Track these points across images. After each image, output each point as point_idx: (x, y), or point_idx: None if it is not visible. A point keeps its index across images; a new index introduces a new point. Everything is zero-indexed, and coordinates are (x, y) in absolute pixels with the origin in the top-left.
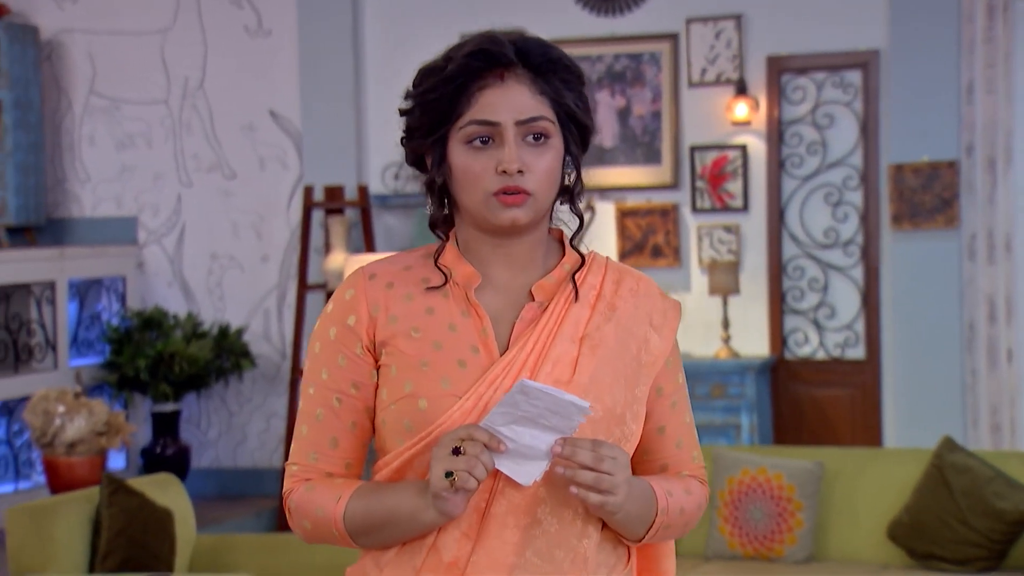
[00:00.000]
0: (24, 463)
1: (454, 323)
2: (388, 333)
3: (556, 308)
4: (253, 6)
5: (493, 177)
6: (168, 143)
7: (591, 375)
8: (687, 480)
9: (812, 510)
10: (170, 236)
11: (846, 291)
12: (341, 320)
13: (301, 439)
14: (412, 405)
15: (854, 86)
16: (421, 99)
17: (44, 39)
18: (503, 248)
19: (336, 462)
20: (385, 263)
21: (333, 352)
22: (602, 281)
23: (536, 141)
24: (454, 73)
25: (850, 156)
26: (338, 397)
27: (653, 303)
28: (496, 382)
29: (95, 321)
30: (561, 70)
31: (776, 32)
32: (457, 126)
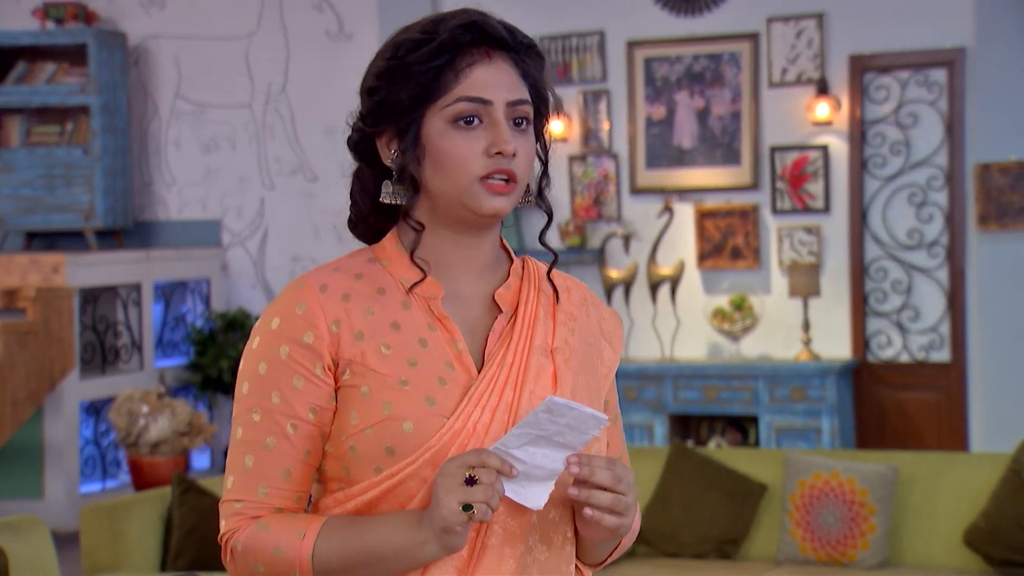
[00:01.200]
0: (111, 462)
1: (424, 338)
2: (355, 351)
3: (525, 319)
4: (335, 10)
5: (482, 159)
6: (252, 147)
7: (571, 388)
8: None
9: (886, 515)
10: (253, 239)
11: (931, 293)
12: (294, 337)
13: (245, 471)
14: (395, 428)
15: (939, 84)
16: (403, 72)
17: (132, 45)
18: (467, 249)
19: (287, 496)
20: (330, 272)
21: (286, 373)
22: (554, 290)
23: (518, 126)
24: (444, 45)
25: (935, 156)
26: (293, 423)
27: (600, 313)
28: (483, 400)
29: (180, 323)
30: (535, 56)
31: (858, 31)
32: (442, 103)
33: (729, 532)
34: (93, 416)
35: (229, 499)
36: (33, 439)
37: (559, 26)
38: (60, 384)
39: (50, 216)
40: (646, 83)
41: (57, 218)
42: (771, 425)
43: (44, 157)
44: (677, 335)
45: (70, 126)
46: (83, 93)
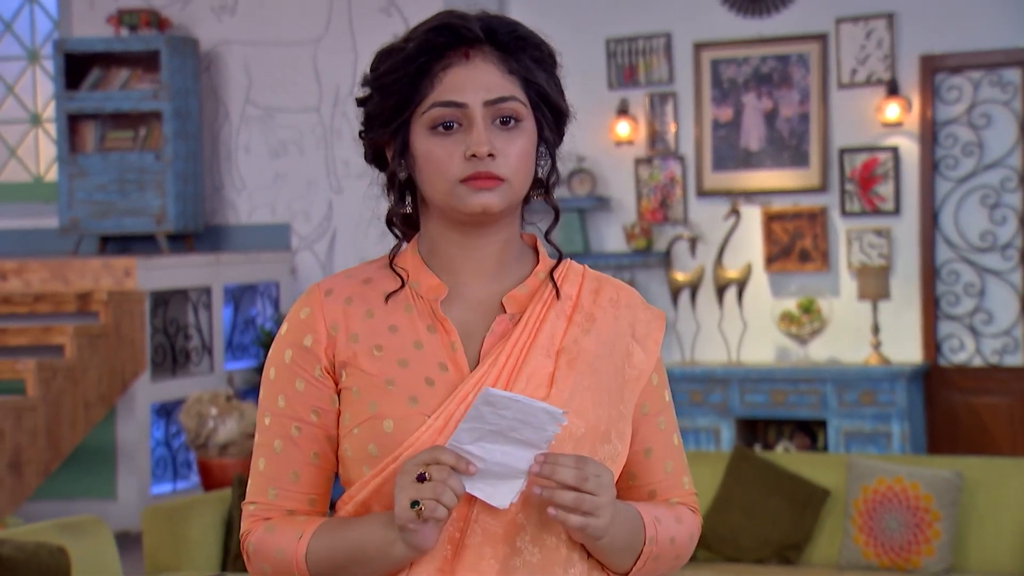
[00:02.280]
0: (181, 464)
1: (420, 340)
2: (349, 353)
3: (530, 320)
4: (401, 14)
5: (461, 163)
6: (319, 150)
7: (570, 390)
8: (677, 508)
9: (951, 521)
10: (321, 242)
11: (1004, 296)
12: (297, 341)
13: (258, 474)
14: (377, 427)
15: (1013, 84)
16: (380, 82)
17: (203, 51)
18: (471, 251)
19: (298, 498)
20: (342, 277)
21: (290, 377)
22: (579, 290)
23: (506, 124)
24: (415, 51)
25: (1008, 157)
26: (297, 426)
27: (635, 314)
28: (467, 399)
29: (249, 326)
30: (531, 48)
31: (929, 30)
32: (420, 110)
33: (791, 537)
34: (164, 418)
35: (246, 501)
36: (105, 441)
37: (625, 29)
38: (131, 386)
39: (123, 220)
40: (713, 85)
41: (130, 222)
42: (839, 430)
43: (117, 162)
44: (744, 338)
45: (143, 131)
46: (155, 99)
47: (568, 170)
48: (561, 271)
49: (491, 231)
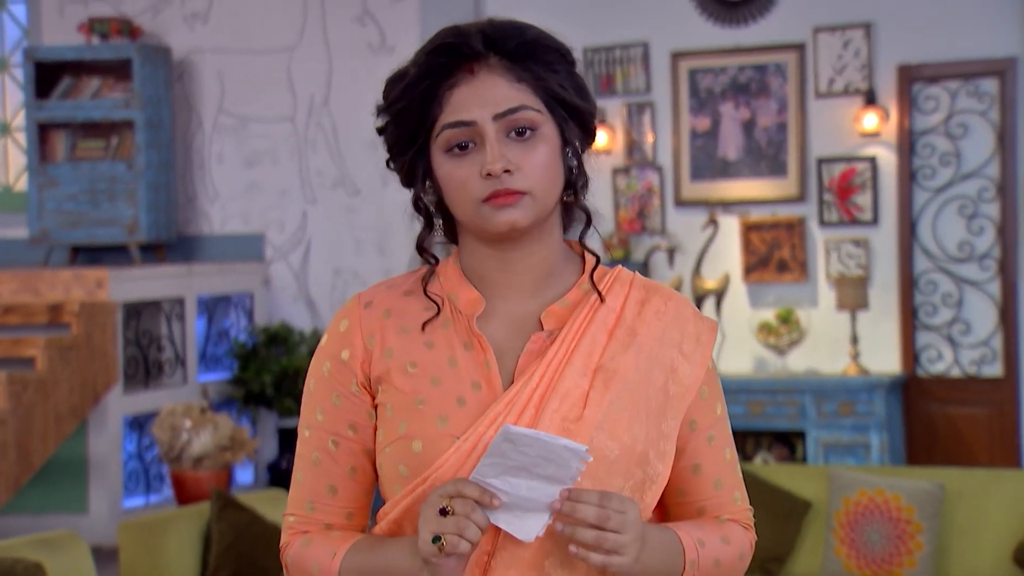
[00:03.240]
0: (154, 477)
1: (455, 357)
2: (383, 368)
3: (568, 336)
4: (377, 23)
5: (479, 182)
6: (294, 160)
7: (605, 411)
8: (726, 526)
9: (933, 532)
10: (295, 252)
11: (982, 306)
12: (335, 354)
13: (297, 486)
14: (406, 447)
15: (990, 95)
16: (391, 112)
17: (176, 59)
18: (509, 265)
19: (336, 512)
20: (383, 288)
21: (327, 390)
22: (624, 302)
23: (521, 136)
24: (418, 76)
25: (985, 167)
26: (334, 440)
27: (683, 326)
28: (497, 420)
29: (223, 337)
30: (541, 51)
31: (907, 40)
32: (433, 134)
33: (772, 549)
34: (136, 431)
35: (286, 512)
36: (76, 454)
37: (602, 38)
38: (103, 399)
39: (94, 230)
40: (691, 94)
41: (101, 232)
42: (818, 441)
43: (88, 172)
44: (722, 349)
45: (114, 141)
46: (127, 108)
47: None
48: (607, 280)
49: (526, 244)
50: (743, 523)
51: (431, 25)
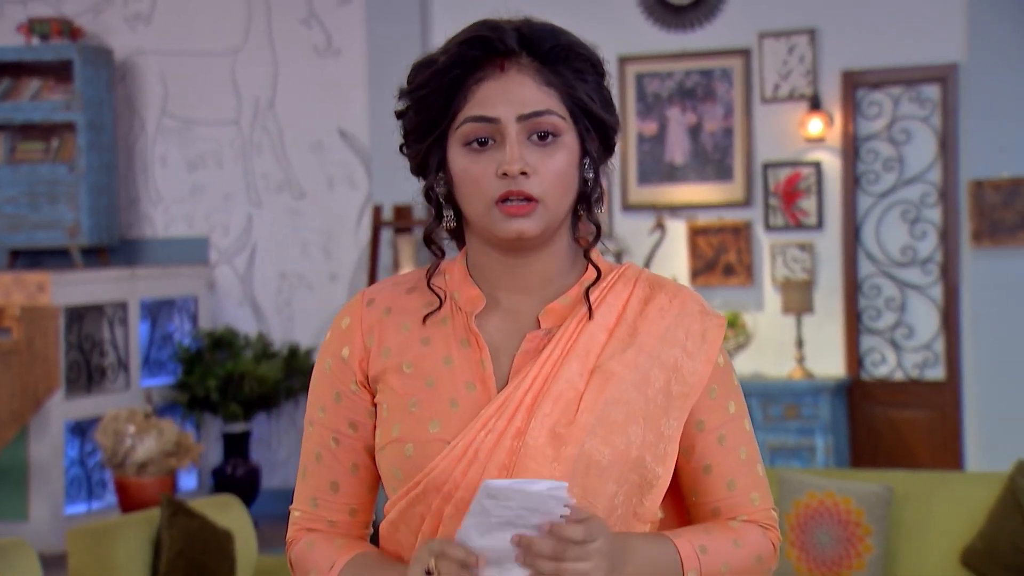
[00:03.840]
0: (97, 483)
1: (450, 355)
2: (380, 367)
3: (564, 335)
4: (323, 26)
5: (494, 181)
6: (238, 163)
7: (599, 415)
8: (741, 528)
9: (882, 535)
10: (240, 256)
11: (925, 310)
12: (336, 351)
13: (302, 482)
14: (399, 451)
15: (932, 101)
16: (414, 96)
17: (118, 61)
18: (514, 268)
19: (338, 508)
20: (387, 285)
21: (328, 387)
22: (627, 300)
23: (543, 140)
24: (448, 65)
25: (928, 172)
26: (335, 437)
27: (688, 323)
28: (489, 424)
29: (166, 341)
30: (573, 58)
31: (851, 46)
32: (453, 125)
33: None
34: (78, 436)
35: (292, 506)
36: (17, 460)
37: None
38: (45, 404)
39: (35, 234)
40: (637, 99)
41: (42, 236)
42: (764, 443)
43: (28, 174)
44: None
45: (55, 143)
46: (68, 110)
47: None
48: (611, 278)
49: (532, 252)
50: (762, 523)
51: (377, 28)
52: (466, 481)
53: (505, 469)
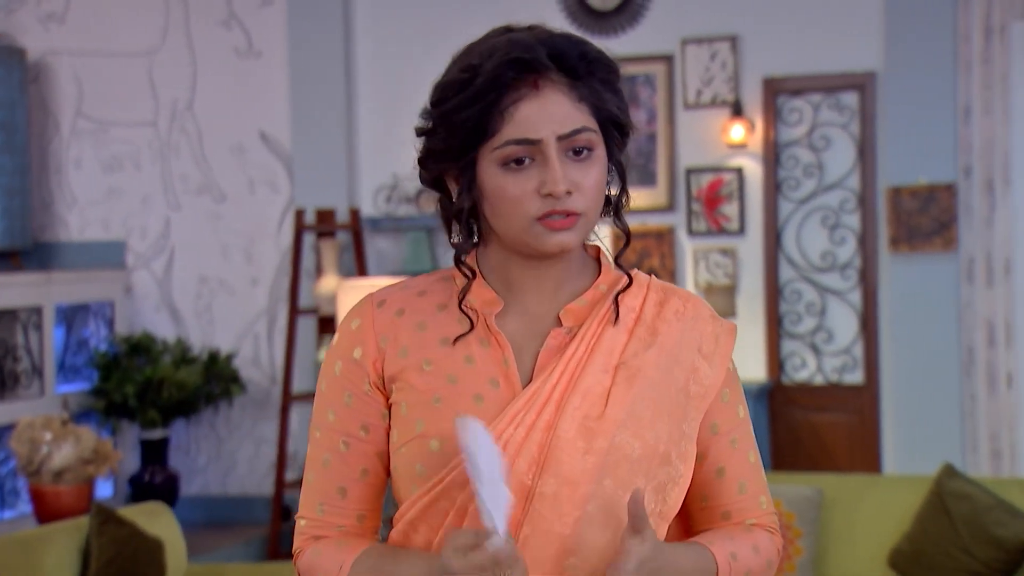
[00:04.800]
0: (9, 492)
1: (471, 355)
2: (398, 367)
3: (587, 333)
4: (243, 27)
5: (536, 200)
6: (156, 165)
7: (628, 408)
8: (755, 534)
9: (812, 538)
10: (158, 260)
11: (844, 315)
12: (347, 354)
13: (308, 488)
14: (423, 446)
15: (850, 108)
16: (446, 119)
17: (31, 61)
18: (535, 271)
19: (346, 514)
20: (396, 289)
21: (339, 390)
22: (643, 303)
23: (579, 155)
24: (484, 88)
25: (847, 178)
26: (345, 441)
27: (702, 327)
28: (518, 418)
29: (82, 347)
30: (600, 69)
31: (772, 53)
32: (490, 146)
33: None
34: None
35: (297, 516)
36: None
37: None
38: None
39: None
40: None
41: None
42: None
43: None
44: None
45: None
46: None
47: (417, 188)
48: (623, 284)
49: (558, 259)
50: (768, 527)
51: (299, 30)
52: None
53: (535, 462)
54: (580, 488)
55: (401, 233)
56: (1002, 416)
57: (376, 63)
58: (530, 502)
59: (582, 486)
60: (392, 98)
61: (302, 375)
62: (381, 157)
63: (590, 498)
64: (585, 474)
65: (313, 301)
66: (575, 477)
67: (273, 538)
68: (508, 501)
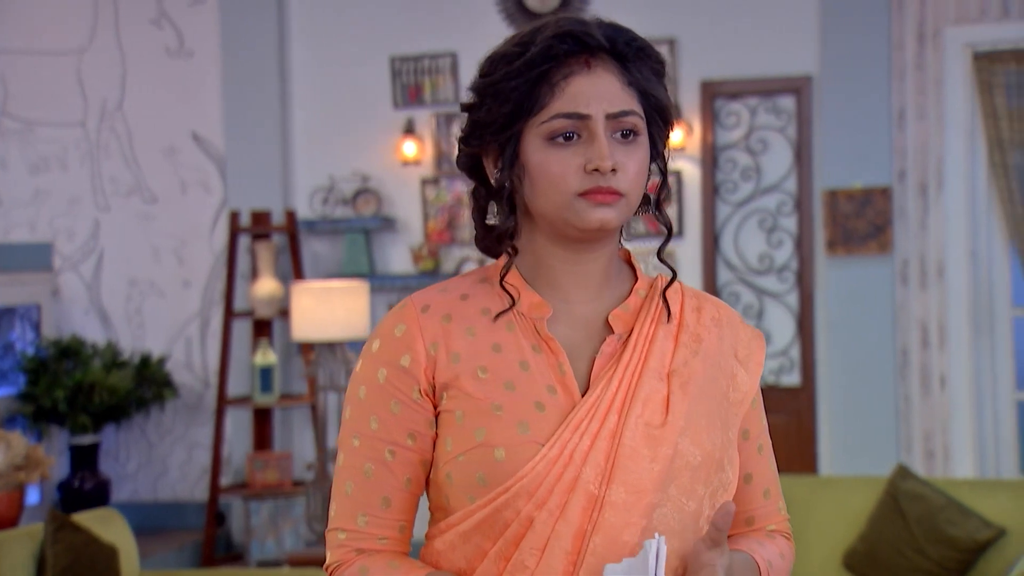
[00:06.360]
0: None
1: (525, 360)
2: (451, 374)
3: (639, 340)
4: (174, 27)
5: (580, 176)
6: (85, 166)
7: (686, 416)
8: (777, 540)
9: None
10: (87, 262)
11: (781, 317)
12: (392, 360)
13: (347, 499)
14: (487, 455)
15: (787, 112)
16: (496, 88)
17: None
18: (577, 266)
19: (389, 525)
20: (436, 292)
21: (384, 397)
22: (681, 308)
23: (625, 138)
24: (537, 58)
25: (784, 182)
26: (391, 449)
27: (736, 333)
28: (581, 426)
29: (8, 351)
30: (649, 58)
31: (709, 57)
32: (538, 119)
33: None
34: None
35: (333, 528)
36: None
37: (410, 48)
38: None
39: None
40: None
41: None
42: None
43: None
44: None
45: None
46: None
47: (353, 189)
48: (660, 287)
49: (599, 247)
50: (786, 533)
51: (232, 29)
52: (561, 484)
53: (602, 471)
54: (646, 496)
55: (338, 235)
56: (936, 417)
57: (311, 62)
58: (599, 511)
59: (649, 494)
60: (328, 98)
61: (237, 378)
62: (317, 158)
63: (656, 506)
64: (652, 482)
65: (248, 304)
66: (643, 485)
67: (207, 544)
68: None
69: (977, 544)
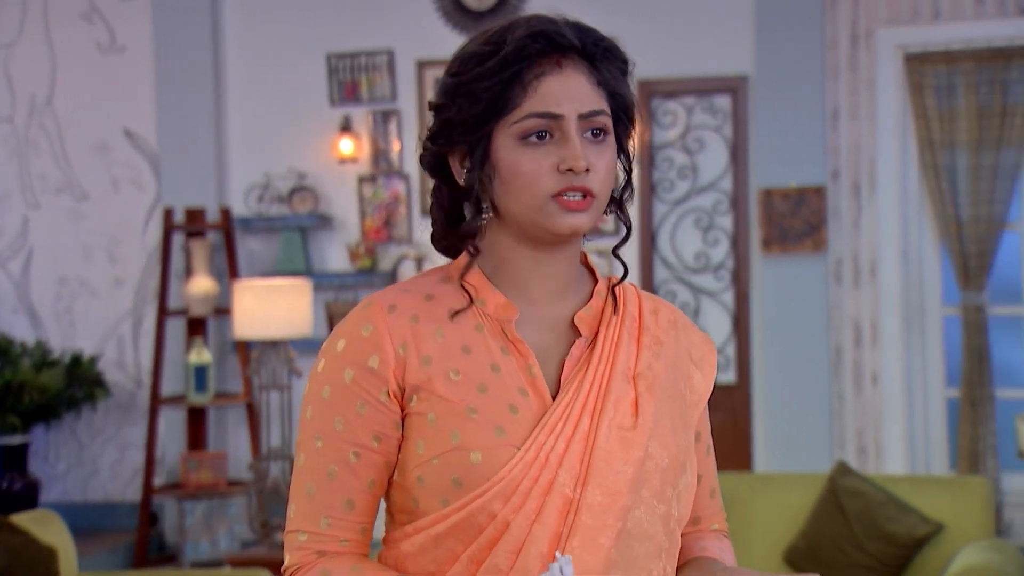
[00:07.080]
0: None
1: (496, 363)
2: (422, 376)
3: (606, 343)
4: (105, 22)
5: (553, 176)
6: (12, 163)
7: (654, 418)
8: (723, 540)
9: None
10: (15, 260)
11: (717, 315)
12: (359, 361)
13: (309, 500)
14: (462, 458)
15: (723, 111)
16: (467, 88)
17: None
18: (543, 267)
19: (351, 527)
20: (399, 292)
21: (350, 398)
22: (640, 310)
23: (596, 137)
24: (511, 57)
25: (720, 181)
26: (356, 451)
27: (690, 336)
28: (556, 429)
29: None
30: (616, 59)
31: (646, 56)
32: (510, 119)
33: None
34: None
35: (292, 530)
36: None
37: (347, 45)
38: None
39: None
40: None
41: None
42: None
43: None
44: None
45: None
46: None
47: (289, 187)
48: (619, 289)
49: (565, 248)
50: (726, 532)
51: (164, 24)
52: (537, 488)
53: (577, 474)
54: (621, 499)
55: (274, 233)
56: (868, 414)
57: (246, 58)
58: (576, 514)
59: (623, 496)
60: (263, 95)
61: (171, 377)
62: (252, 155)
63: (631, 509)
64: (626, 485)
65: (183, 302)
66: (618, 488)
67: (140, 544)
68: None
69: (916, 540)
